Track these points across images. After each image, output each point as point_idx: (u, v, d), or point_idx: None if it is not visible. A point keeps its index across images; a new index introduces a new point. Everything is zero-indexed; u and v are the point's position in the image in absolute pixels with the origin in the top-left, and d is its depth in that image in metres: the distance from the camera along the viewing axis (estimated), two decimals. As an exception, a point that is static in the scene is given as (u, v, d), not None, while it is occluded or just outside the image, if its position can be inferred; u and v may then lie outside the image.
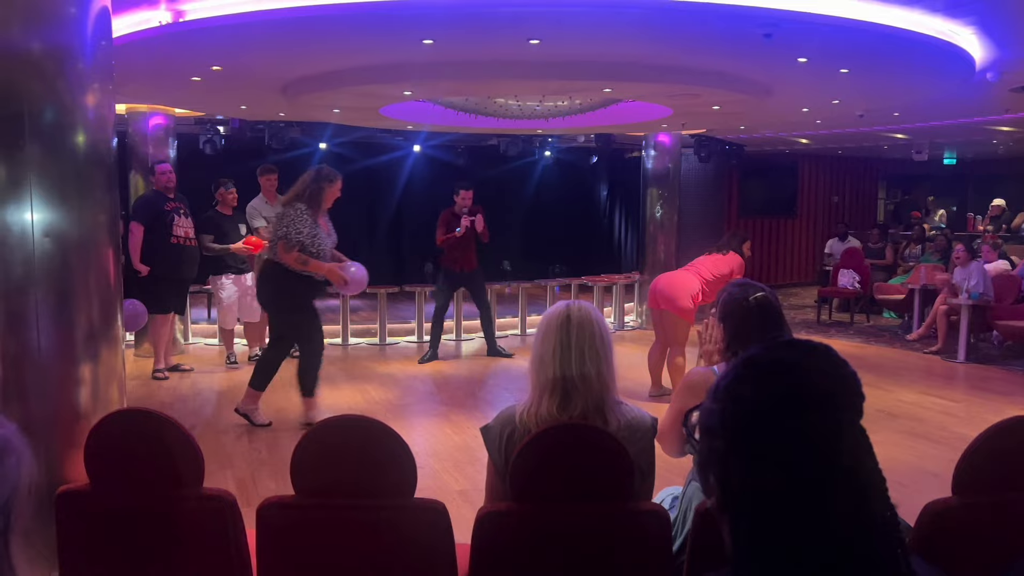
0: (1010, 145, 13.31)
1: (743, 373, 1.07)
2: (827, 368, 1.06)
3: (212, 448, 4.92)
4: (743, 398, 1.05)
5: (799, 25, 4.59)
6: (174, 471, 2.25)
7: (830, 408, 1.03)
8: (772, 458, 1.02)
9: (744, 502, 1.04)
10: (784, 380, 1.03)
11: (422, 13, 4.43)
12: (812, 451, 1.02)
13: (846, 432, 1.05)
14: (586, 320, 2.24)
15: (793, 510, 1.01)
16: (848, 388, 1.06)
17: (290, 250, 5.19)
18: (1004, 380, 7.19)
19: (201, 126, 9.34)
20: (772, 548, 1.02)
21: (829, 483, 1.02)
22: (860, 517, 1.03)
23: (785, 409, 1.02)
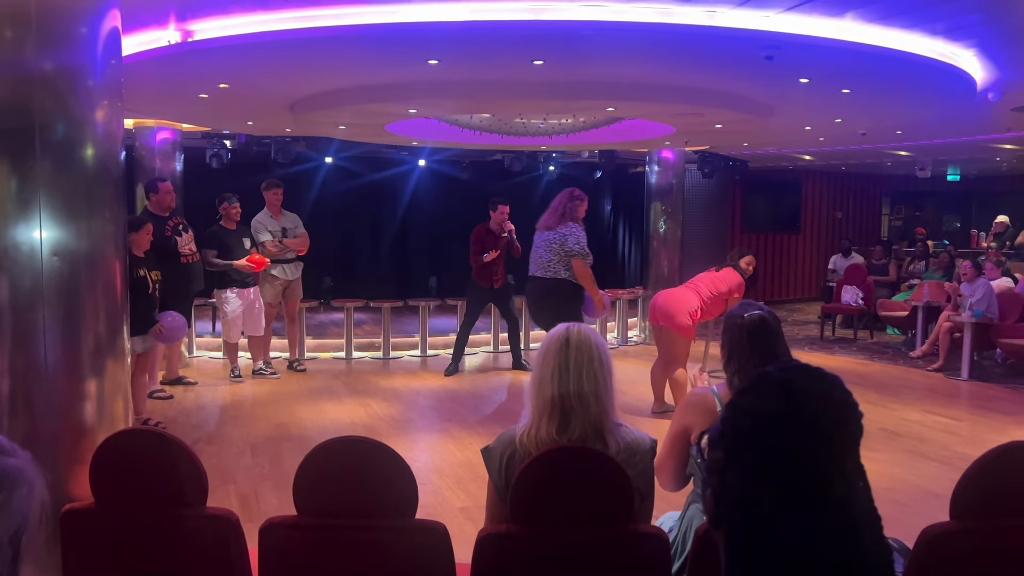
0: (1013, 162, 13.33)
1: (751, 387, 1.10)
2: (833, 396, 1.09)
3: (215, 463, 4.94)
4: (746, 411, 1.08)
5: (800, 47, 4.63)
6: (178, 490, 2.28)
7: (827, 434, 1.06)
8: (766, 474, 1.04)
9: (738, 517, 1.06)
10: (787, 400, 1.06)
11: (428, 34, 4.49)
12: (805, 472, 1.04)
13: (840, 460, 1.07)
14: (585, 343, 2.26)
15: (785, 531, 1.03)
16: (849, 420, 1.08)
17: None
18: (1007, 399, 7.18)
19: (208, 140, 9.42)
20: (765, 567, 1.04)
21: (821, 508, 1.03)
22: (851, 548, 1.04)
23: (784, 426, 1.05)
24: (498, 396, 7.27)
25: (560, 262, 6.27)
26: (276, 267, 7.63)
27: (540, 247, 6.40)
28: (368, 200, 12.40)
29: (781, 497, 1.03)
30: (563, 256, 6.24)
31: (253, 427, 5.90)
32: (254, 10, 4.44)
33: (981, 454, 2.36)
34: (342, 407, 6.57)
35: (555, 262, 6.28)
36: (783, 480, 1.04)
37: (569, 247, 6.22)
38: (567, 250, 6.22)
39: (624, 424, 2.35)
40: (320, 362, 8.54)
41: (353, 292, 9.66)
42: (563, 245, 6.24)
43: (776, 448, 1.05)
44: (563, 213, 6.29)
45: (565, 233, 6.24)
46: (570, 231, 6.25)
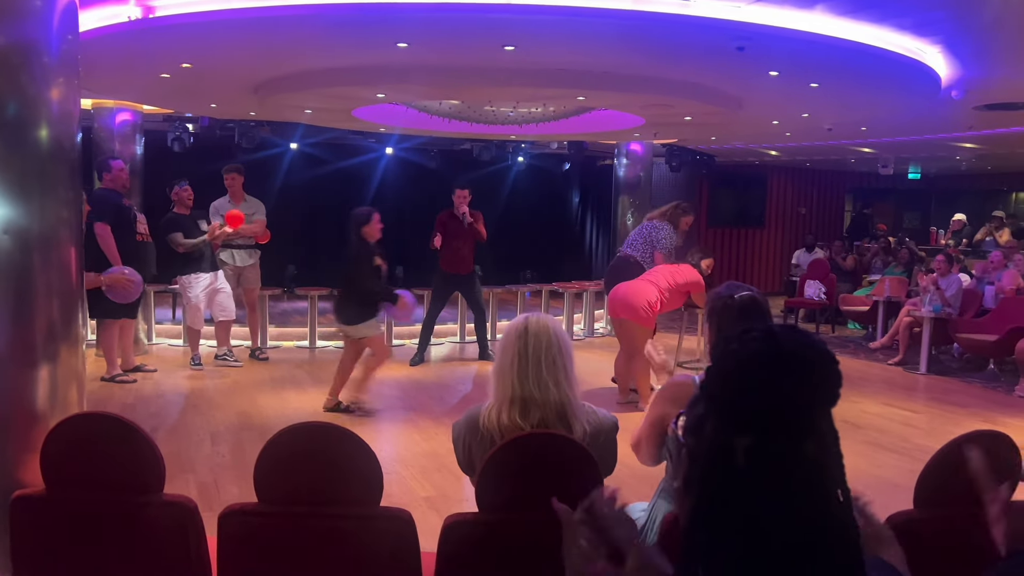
0: (972, 161, 13.62)
1: (736, 336, 1.12)
2: (815, 345, 1.09)
3: (174, 452, 4.83)
4: (730, 353, 1.10)
5: (771, 39, 4.65)
6: (134, 476, 2.21)
7: (806, 379, 1.06)
8: (742, 418, 1.05)
9: (710, 472, 1.07)
10: (770, 342, 1.08)
11: (397, 16, 4.41)
12: (780, 419, 1.04)
13: (815, 416, 1.07)
14: (543, 331, 2.30)
15: (754, 487, 1.03)
16: (829, 372, 1.09)
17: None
18: (963, 392, 7.33)
19: (169, 123, 9.21)
20: (730, 528, 1.05)
21: (792, 465, 1.04)
22: (818, 513, 1.05)
23: (764, 364, 1.06)
24: (463, 386, 7.23)
25: (644, 247, 6.90)
26: (224, 251, 7.50)
27: (634, 230, 7.27)
28: (334, 187, 12.25)
29: (754, 448, 1.04)
30: (648, 244, 6.91)
31: (214, 416, 5.78)
32: (219, -13, 4.33)
33: (938, 446, 2.39)
34: (305, 396, 6.48)
35: (639, 243, 6.94)
36: (758, 427, 1.04)
37: (656, 239, 6.88)
38: (653, 240, 6.88)
39: (587, 405, 2.39)
40: (283, 351, 8.42)
41: (317, 280, 9.53)
42: (651, 235, 6.92)
43: (754, 388, 1.06)
44: (665, 213, 7.08)
45: (660, 227, 6.95)
46: (663, 229, 6.92)
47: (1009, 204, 15.80)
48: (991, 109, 7.41)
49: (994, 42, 5.08)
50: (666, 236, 6.86)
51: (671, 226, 6.93)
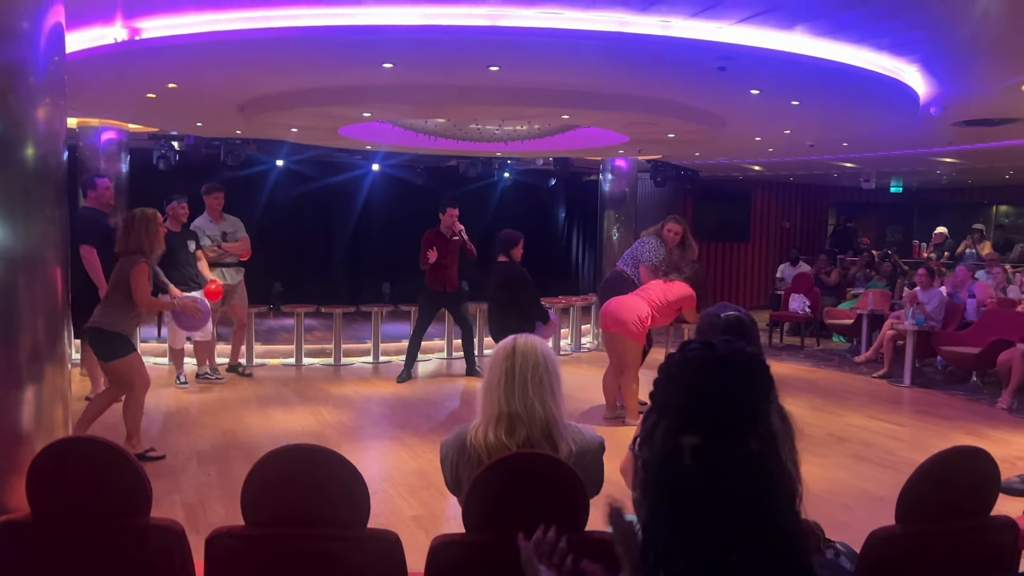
0: (953, 175, 13.79)
1: (678, 349, 1.26)
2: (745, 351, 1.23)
3: (160, 472, 4.81)
4: (673, 362, 1.24)
5: (752, 59, 4.72)
6: (121, 501, 2.20)
7: (743, 378, 1.19)
8: (689, 418, 1.16)
9: (663, 473, 1.16)
10: (707, 349, 1.22)
11: (383, 37, 4.45)
12: (724, 416, 1.15)
13: (755, 415, 1.18)
14: (531, 352, 2.33)
15: (705, 484, 1.12)
16: (760, 371, 1.22)
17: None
18: (947, 405, 7.39)
19: (155, 141, 9.20)
20: (683, 525, 1.13)
21: (738, 460, 1.13)
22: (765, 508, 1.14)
23: (704, 368, 1.19)
24: (451, 403, 7.23)
25: (634, 262, 6.97)
26: (214, 270, 7.49)
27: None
28: (320, 204, 12.25)
29: (701, 447, 1.13)
30: (635, 259, 6.98)
31: (199, 435, 5.76)
32: (205, 9, 4.35)
33: (923, 458, 2.42)
34: (292, 414, 6.46)
35: (628, 259, 7.04)
36: (702, 427, 1.14)
37: (640, 254, 6.95)
38: (639, 255, 6.95)
39: (573, 424, 2.42)
40: (269, 368, 8.39)
41: (304, 297, 9.52)
42: (637, 251, 7.02)
43: (698, 389, 1.17)
44: (655, 228, 7.15)
45: (645, 242, 7.04)
46: (648, 243, 6.98)
47: (990, 217, 16.01)
48: (969, 125, 7.53)
49: (969, 62, 5.18)
50: (649, 250, 6.89)
51: (657, 240, 6.96)
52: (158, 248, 5.05)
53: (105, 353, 4.92)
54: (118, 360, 4.91)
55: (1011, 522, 2.47)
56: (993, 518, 2.46)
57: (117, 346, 4.91)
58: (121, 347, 4.92)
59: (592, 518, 2.24)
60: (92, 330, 4.98)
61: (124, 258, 4.89)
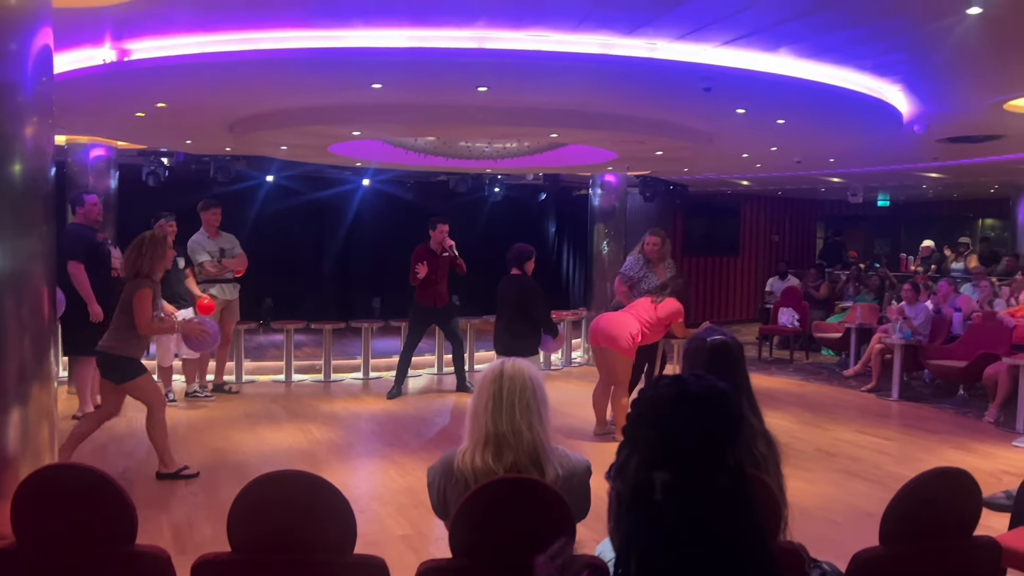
0: (939, 189, 13.92)
1: (651, 384, 1.29)
2: (716, 387, 1.25)
3: (147, 492, 4.79)
4: (646, 399, 1.26)
5: (737, 80, 4.77)
6: (106, 528, 2.20)
7: (711, 414, 1.21)
8: (660, 454, 1.19)
9: (635, 508, 1.19)
10: (678, 385, 1.25)
11: (372, 59, 4.48)
12: (693, 454, 1.18)
13: (724, 450, 1.20)
14: (518, 375, 2.35)
15: (675, 518, 1.15)
16: (730, 407, 1.24)
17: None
18: (935, 419, 7.43)
19: (144, 157, 9.20)
20: (656, 559, 1.16)
21: (706, 496, 1.16)
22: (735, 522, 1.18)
23: (674, 405, 1.22)
24: (441, 419, 7.23)
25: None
26: (214, 287, 7.48)
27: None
28: (310, 219, 12.26)
29: (671, 483, 1.16)
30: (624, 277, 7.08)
31: (187, 454, 5.72)
32: (194, 31, 4.38)
33: (911, 473, 2.45)
34: (281, 432, 6.44)
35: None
36: (673, 462, 1.17)
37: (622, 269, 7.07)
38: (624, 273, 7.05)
39: (560, 448, 2.43)
40: (259, 385, 8.37)
41: (294, 313, 9.52)
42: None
43: (668, 426, 1.20)
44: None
45: (629, 257, 7.16)
46: (629, 258, 7.11)
47: (976, 230, 16.15)
48: (952, 142, 7.62)
49: (950, 82, 5.25)
50: (628, 265, 6.93)
51: (638, 254, 6.97)
52: (161, 270, 5.08)
53: (116, 377, 4.94)
54: (130, 383, 4.94)
55: (993, 542, 2.50)
56: (976, 538, 2.49)
57: (127, 369, 4.93)
58: (131, 370, 4.94)
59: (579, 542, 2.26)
60: (100, 354, 5.01)
61: (130, 282, 4.92)
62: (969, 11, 3.60)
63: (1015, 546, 3.02)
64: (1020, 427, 6.70)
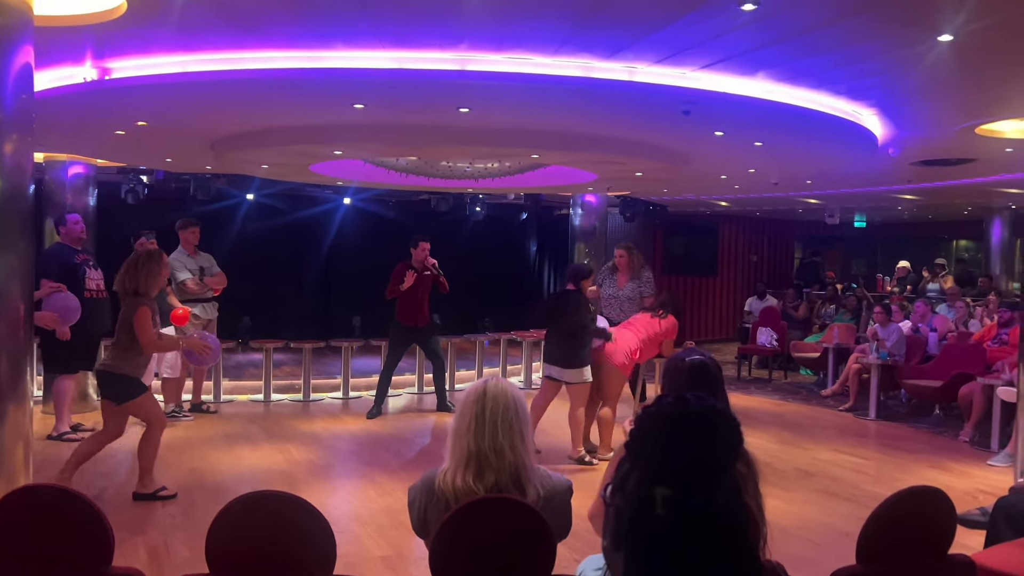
0: (914, 211, 14.13)
1: (655, 402, 1.33)
2: (717, 408, 1.29)
3: (123, 514, 4.72)
4: (649, 416, 1.30)
5: (715, 103, 4.84)
6: (81, 550, 2.18)
7: (711, 433, 1.25)
8: (661, 471, 1.22)
9: (636, 525, 1.22)
10: (681, 404, 1.28)
11: (353, 80, 4.51)
12: (693, 473, 1.21)
13: (723, 471, 1.24)
14: (501, 395, 2.35)
15: (674, 535, 1.18)
16: (730, 429, 1.28)
17: None
18: (911, 438, 7.50)
19: (123, 175, 9.15)
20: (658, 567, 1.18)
21: (705, 514, 1.20)
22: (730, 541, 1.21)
23: (676, 423, 1.26)
24: (421, 439, 7.20)
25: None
26: (196, 306, 7.43)
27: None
28: (291, 238, 12.22)
29: (673, 499, 1.19)
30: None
31: (165, 474, 5.65)
32: (176, 51, 4.38)
33: (887, 492, 2.48)
34: (259, 452, 6.39)
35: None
36: (675, 479, 1.20)
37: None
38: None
39: (541, 468, 2.43)
40: (237, 404, 8.29)
41: (273, 332, 9.45)
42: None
43: (670, 443, 1.23)
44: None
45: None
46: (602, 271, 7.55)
47: (950, 251, 16.40)
48: (926, 165, 7.75)
49: (923, 106, 5.36)
50: (602, 278, 7.32)
51: (609, 268, 7.39)
52: (157, 288, 5.07)
53: (115, 395, 4.91)
54: (131, 402, 4.91)
55: (968, 561, 2.53)
56: (951, 556, 2.52)
57: (127, 388, 4.91)
58: (132, 389, 4.92)
59: (559, 563, 2.26)
60: (101, 373, 5.00)
61: (127, 300, 4.91)
62: (940, 38, 3.69)
63: (990, 564, 3.06)
64: (995, 446, 6.78)
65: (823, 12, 3.50)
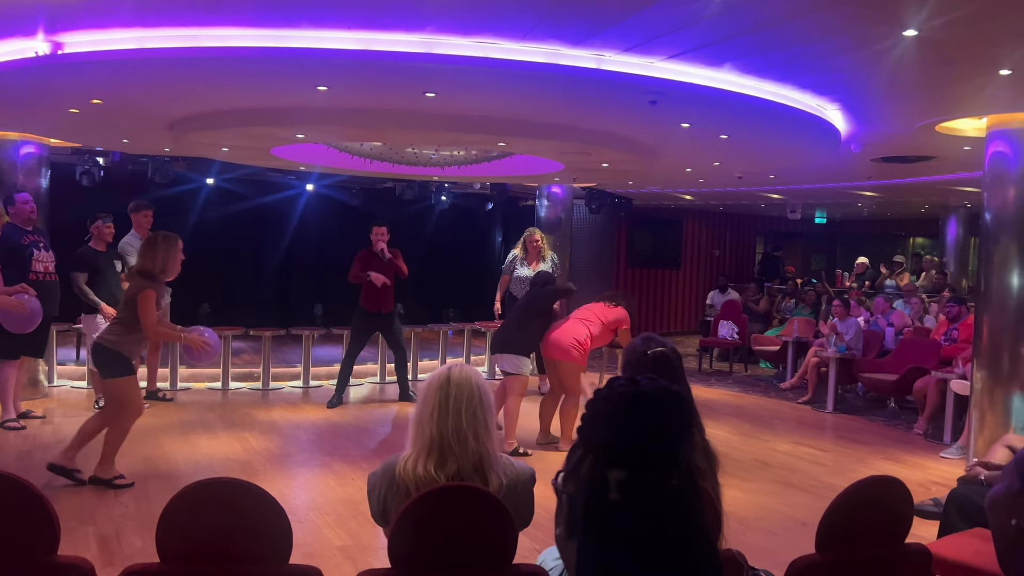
0: (873, 208, 14.38)
1: (607, 385, 1.30)
2: (669, 388, 1.27)
3: (73, 503, 4.61)
4: (601, 398, 1.27)
5: (682, 94, 4.84)
6: (25, 538, 2.10)
7: (665, 413, 1.23)
8: (614, 454, 1.19)
9: (589, 511, 1.19)
10: (633, 386, 1.26)
11: (317, 60, 4.41)
12: (647, 453, 1.19)
13: (677, 451, 1.22)
14: (465, 383, 2.31)
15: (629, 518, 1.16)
16: (682, 408, 1.26)
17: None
18: (868, 431, 7.64)
19: (78, 156, 8.89)
20: (613, 563, 1.15)
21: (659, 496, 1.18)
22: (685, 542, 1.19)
23: (629, 403, 1.23)
24: (383, 429, 7.14)
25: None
26: None
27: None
28: (252, 224, 12.01)
29: (626, 481, 1.17)
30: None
31: (117, 463, 5.50)
32: (133, 26, 4.24)
33: (845, 483, 2.50)
34: (216, 441, 6.27)
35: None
36: (627, 462, 1.18)
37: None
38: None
39: (504, 456, 2.40)
40: (194, 392, 8.14)
41: (232, 319, 9.28)
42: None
43: (623, 424, 1.21)
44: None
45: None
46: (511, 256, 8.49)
47: (907, 248, 16.72)
48: (886, 161, 7.87)
49: (885, 103, 5.43)
50: (508, 261, 8.44)
51: (519, 250, 8.40)
52: (172, 274, 5.05)
53: (103, 369, 4.92)
54: (113, 380, 4.88)
55: (924, 549, 2.57)
56: (907, 545, 2.55)
57: (115, 365, 4.88)
58: (119, 367, 4.89)
59: (520, 552, 2.24)
60: (96, 344, 4.96)
61: (135, 280, 4.92)
62: (905, 33, 3.72)
63: (944, 554, 3.12)
64: (947, 439, 6.93)
65: (791, 5, 3.50)
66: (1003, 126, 5.67)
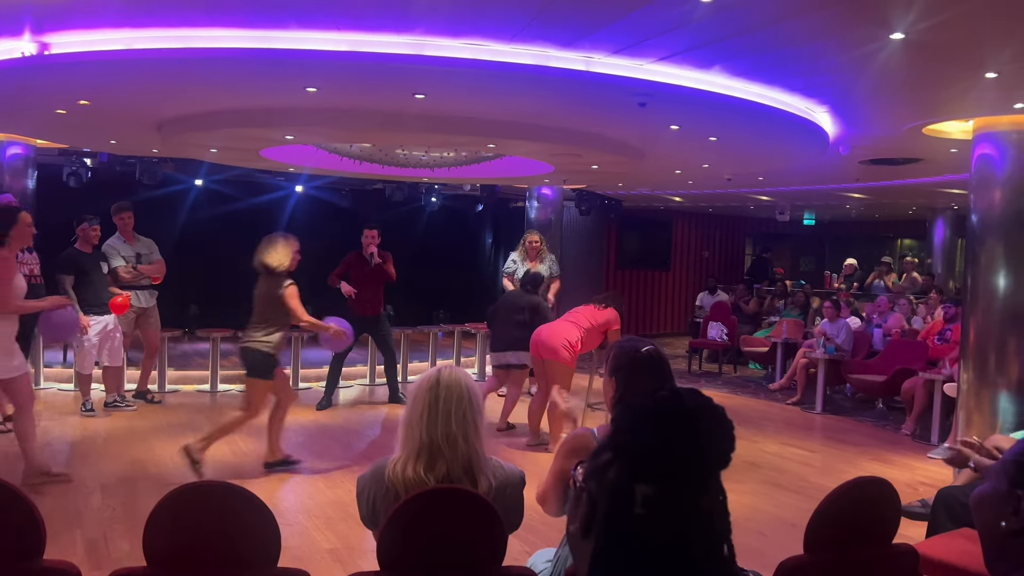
0: (861, 209, 14.46)
1: (647, 393, 1.24)
2: (713, 407, 1.22)
3: (60, 506, 4.58)
4: (638, 406, 1.22)
5: (671, 96, 4.85)
6: (10, 541, 2.08)
7: (704, 436, 1.18)
8: (645, 467, 1.14)
9: (612, 519, 1.15)
10: (675, 399, 1.21)
11: (306, 61, 4.40)
12: (678, 471, 1.14)
13: (709, 473, 1.17)
14: (455, 384, 2.30)
15: (651, 534, 1.12)
16: (723, 432, 1.21)
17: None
18: (855, 431, 7.67)
19: (65, 157, 8.84)
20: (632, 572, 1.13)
21: (687, 517, 1.13)
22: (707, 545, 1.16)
23: (667, 418, 1.18)
24: (372, 431, 7.12)
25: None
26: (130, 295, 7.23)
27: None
28: (240, 225, 11.89)
29: (654, 497, 1.12)
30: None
31: (105, 465, 5.50)
32: (120, 26, 4.22)
33: (833, 484, 2.51)
34: (205, 443, 6.23)
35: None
36: (659, 478, 1.13)
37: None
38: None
39: (494, 459, 2.39)
40: (183, 395, 8.10)
41: (220, 321, 9.22)
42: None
43: (657, 440, 1.15)
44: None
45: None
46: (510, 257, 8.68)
47: (895, 249, 16.82)
48: (874, 164, 7.91)
49: (872, 105, 5.46)
50: (509, 262, 8.58)
51: (519, 252, 8.63)
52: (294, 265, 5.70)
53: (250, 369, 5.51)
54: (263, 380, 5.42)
55: (911, 549, 2.57)
56: (895, 546, 2.56)
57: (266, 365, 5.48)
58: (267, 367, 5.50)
59: (510, 554, 2.24)
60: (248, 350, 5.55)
61: (271, 277, 5.82)
62: (892, 36, 3.74)
63: (931, 554, 3.13)
64: (935, 439, 6.97)
65: (779, 7, 3.52)
66: (989, 129, 5.71)
